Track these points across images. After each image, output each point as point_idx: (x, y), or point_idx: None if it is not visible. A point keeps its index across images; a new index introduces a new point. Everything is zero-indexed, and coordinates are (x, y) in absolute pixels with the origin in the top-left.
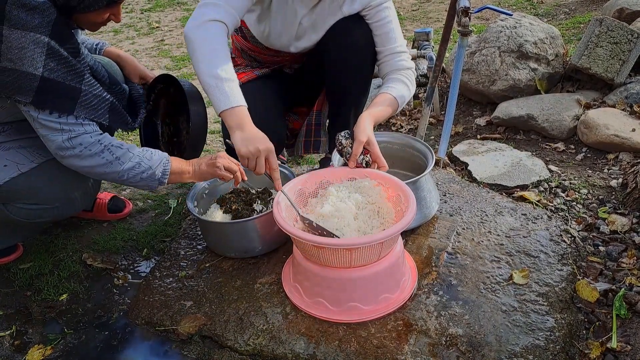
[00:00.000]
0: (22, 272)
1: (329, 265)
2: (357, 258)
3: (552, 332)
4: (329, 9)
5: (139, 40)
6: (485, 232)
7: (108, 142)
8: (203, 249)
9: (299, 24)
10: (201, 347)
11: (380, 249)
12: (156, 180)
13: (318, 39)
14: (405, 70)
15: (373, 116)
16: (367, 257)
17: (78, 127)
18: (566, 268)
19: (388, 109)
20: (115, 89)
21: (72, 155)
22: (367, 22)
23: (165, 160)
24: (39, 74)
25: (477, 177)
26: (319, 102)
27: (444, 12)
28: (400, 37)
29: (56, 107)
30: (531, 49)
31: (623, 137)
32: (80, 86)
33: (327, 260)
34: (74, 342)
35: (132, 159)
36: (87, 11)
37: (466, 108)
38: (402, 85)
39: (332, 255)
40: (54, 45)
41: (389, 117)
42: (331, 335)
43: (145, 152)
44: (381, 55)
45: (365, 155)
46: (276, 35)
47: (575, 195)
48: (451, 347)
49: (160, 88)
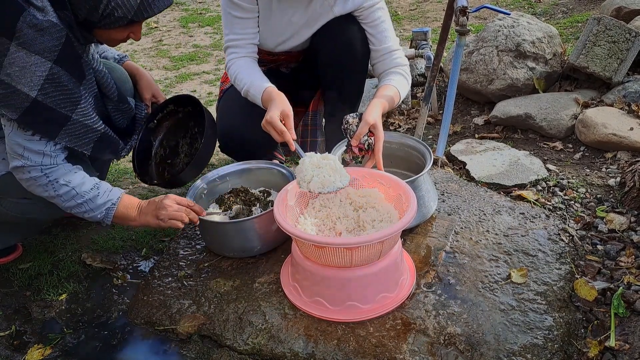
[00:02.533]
0: (22, 272)
1: (330, 264)
2: (358, 258)
3: (550, 330)
4: (320, 10)
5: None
6: (484, 231)
7: (54, 178)
8: (202, 249)
9: (289, 24)
10: (200, 347)
11: (381, 248)
12: (99, 221)
13: (308, 37)
14: (403, 67)
15: (382, 104)
16: (368, 256)
17: (36, 157)
18: (564, 267)
19: (393, 99)
20: (122, 107)
21: (22, 179)
22: (359, 22)
23: (111, 204)
24: (32, 96)
25: (475, 177)
26: (314, 102)
27: (441, 12)
28: (394, 35)
29: (39, 130)
30: (529, 48)
31: (621, 135)
32: (71, 115)
33: (328, 260)
34: (73, 342)
35: (75, 198)
36: (108, 28)
37: (464, 107)
38: (401, 78)
39: (332, 255)
40: (56, 71)
41: (393, 108)
42: (330, 334)
43: (93, 192)
44: (376, 54)
45: (370, 138)
46: (265, 35)
47: (573, 194)
48: (449, 346)
49: (171, 109)
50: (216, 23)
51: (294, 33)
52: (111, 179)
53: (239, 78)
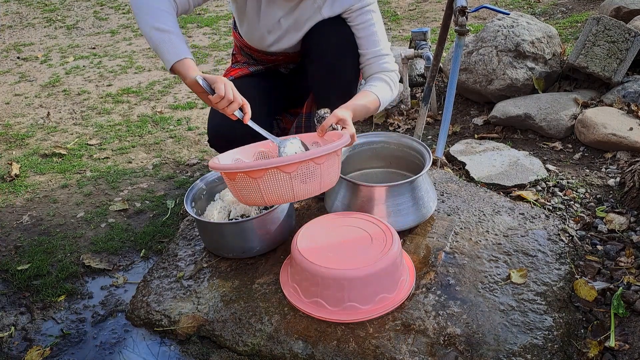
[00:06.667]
0: (21, 273)
1: (274, 200)
2: (298, 189)
3: (550, 331)
4: (309, 12)
5: (136, 41)
6: (483, 231)
7: None
8: (201, 250)
9: (278, 26)
10: (199, 347)
11: (320, 173)
12: None
13: (298, 39)
14: (389, 72)
15: (350, 107)
16: (307, 189)
17: None
18: (564, 267)
19: (368, 106)
20: None
21: None
22: (348, 25)
23: None
24: None
25: (474, 177)
26: (307, 104)
27: (441, 12)
28: (384, 39)
29: None
30: (528, 48)
31: (620, 135)
32: None
33: (269, 191)
34: (73, 343)
35: None
36: None
37: (463, 107)
38: (384, 85)
39: (271, 182)
40: None
41: (368, 114)
42: (329, 335)
43: None
44: (364, 58)
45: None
46: (254, 36)
47: (573, 194)
48: (449, 347)
49: None
50: (215, 24)
51: (283, 34)
52: (110, 179)
53: (152, 14)
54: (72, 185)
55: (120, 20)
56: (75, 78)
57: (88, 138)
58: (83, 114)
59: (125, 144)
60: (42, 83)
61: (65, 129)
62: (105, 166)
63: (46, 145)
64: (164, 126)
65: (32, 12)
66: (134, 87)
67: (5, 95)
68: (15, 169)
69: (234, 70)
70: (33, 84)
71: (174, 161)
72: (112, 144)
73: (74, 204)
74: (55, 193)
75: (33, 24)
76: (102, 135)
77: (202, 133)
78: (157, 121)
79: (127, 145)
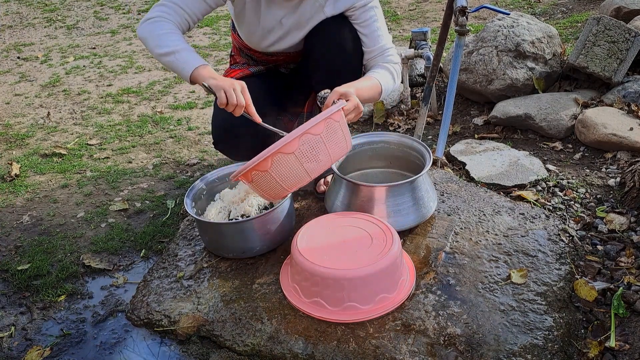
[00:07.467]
0: (21, 274)
1: (292, 186)
2: (304, 161)
3: (550, 331)
4: (311, 11)
5: (136, 41)
6: (483, 231)
7: None
8: (201, 250)
9: (279, 26)
10: (199, 347)
11: (323, 143)
12: None
13: (301, 38)
14: (392, 64)
15: (352, 85)
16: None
17: None
18: (564, 267)
19: (371, 89)
20: None
21: None
22: (351, 23)
23: None
24: None
25: (474, 177)
26: (309, 103)
27: (441, 12)
28: (386, 34)
29: None
30: (529, 48)
31: (621, 136)
32: None
33: (283, 177)
34: (73, 343)
35: None
36: None
37: (464, 107)
38: (386, 72)
39: (281, 168)
40: None
41: (371, 98)
42: (329, 335)
43: None
44: (368, 54)
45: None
46: (254, 37)
47: (573, 194)
48: (449, 347)
49: None
50: (215, 24)
51: (285, 35)
52: (110, 179)
53: (157, 41)
54: (72, 185)
55: (120, 20)
56: (75, 78)
57: (88, 138)
58: (83, 114)
59: (126, 144)
60: (42, 83)
61: (65, 128)
62: (105, 166)
63: (46, 145)
64: (164, 126)
65: (32, 12)
66: (134, 87)
67: (6, 95)
68: (16, 169)
69: (233, 72)
70: (33, 83)
71: (174, 161)
72: (112, 144)
73: (74, 204)
74: (55, 193)
75: (33, 24)
76: (102, 135)
77: (202, 133)
78: (157, 121)
79: (127, 145)
